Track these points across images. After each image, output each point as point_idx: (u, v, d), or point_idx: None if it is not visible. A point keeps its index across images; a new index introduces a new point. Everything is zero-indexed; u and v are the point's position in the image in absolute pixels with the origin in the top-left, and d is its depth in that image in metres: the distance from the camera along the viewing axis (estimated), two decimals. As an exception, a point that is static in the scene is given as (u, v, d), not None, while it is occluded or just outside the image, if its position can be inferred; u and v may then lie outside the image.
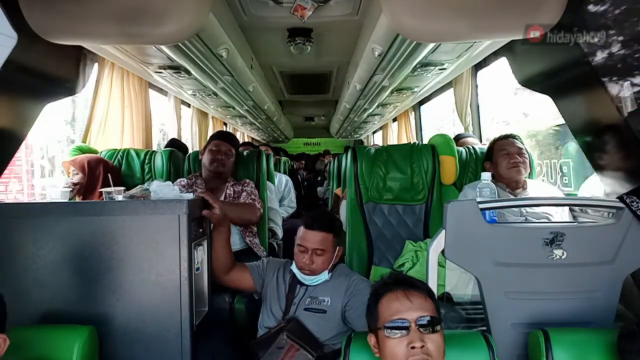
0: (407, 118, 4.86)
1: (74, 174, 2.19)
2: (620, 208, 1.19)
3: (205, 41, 2.16)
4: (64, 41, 1.44)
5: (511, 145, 1.84)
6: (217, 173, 2.04)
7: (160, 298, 1.28)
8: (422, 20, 1.35)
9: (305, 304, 1.46)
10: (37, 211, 1.30)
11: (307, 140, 9.73)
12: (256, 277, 1.57)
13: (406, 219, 2.03)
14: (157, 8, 1.34)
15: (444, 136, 2.12)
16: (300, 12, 2.25)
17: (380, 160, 2.05)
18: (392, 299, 0.96)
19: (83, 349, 1.11)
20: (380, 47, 2.32)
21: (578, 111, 1.44)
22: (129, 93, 2.76)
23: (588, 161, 1.47)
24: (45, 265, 1.27)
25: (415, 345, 0.90)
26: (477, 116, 3.04)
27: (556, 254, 1.17)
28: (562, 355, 1.04)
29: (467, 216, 1.19)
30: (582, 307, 1.19)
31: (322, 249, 1.45)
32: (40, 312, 1.27)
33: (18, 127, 1.47)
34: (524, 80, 1.69)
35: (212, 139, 2.12)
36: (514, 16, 1.29)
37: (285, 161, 4.74)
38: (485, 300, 1.20)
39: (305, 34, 2.77)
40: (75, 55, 1.75)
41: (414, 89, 3.46)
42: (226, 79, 2.92)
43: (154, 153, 2.47)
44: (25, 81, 1.44)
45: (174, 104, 3.70)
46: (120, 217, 1.28)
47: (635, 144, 1.19)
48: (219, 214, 1.50)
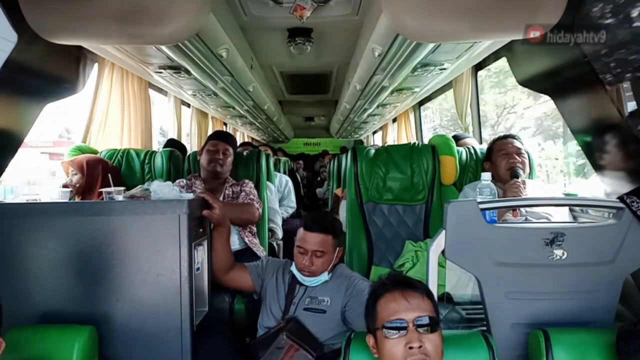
0: (407, 118, 4.86)
1: (73, 174, 2.18)
2: (620, 208, 1.19)
3: (205, 41, 2.16)
4: (64, 41, 1.44)
5: (510, 145, 1.85)
6: (215, 173, 2.04)
7: (160, 298, 1.28)
8: (422, 20, 1.35)
9: (304, 304, 1.46)
10: (37, 211, 1.30)
11: (307, 140, 9.73)
12: (255, 277, 1.57)
13: (406, 219, 2.03)
14: (157, 8, 1.34)
15: (444, 136, 2.12)
16: (300, 12, 2.25)
17: (380, 161, 2.05)
18: (390, 299, 0.96)
19: (83, 349, 1.11)
20: (380, 47, 2.32)
21: (578, 111, 1.44)
22: (128, 93, 2.76)
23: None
24: (45, 265, 1.27)
25: (413, 345, 0.90)
26: (477, 116, 3.04)
27: (556, 254, 1.17)
28: (562, 355, 1.04)
29: (467, 216, 1.19)
30: (582, 307, 1.18)
31: (322, 250, 1.45)
32: (40, 312, 1.26)
33: (18, 127, 1.47)
34: (524, 80, 1.69)
35: (209, 139, 2.12)
36: (514, 16, 1.29)
37: (285, 161, 4.74)
38: (485, 300, 1.20)
39: (305, 34, 2.77)
40: (75, 55, 1.76)
41: (414, 89, 3.46)
42: (226, 79, 2.92)
43: (154, 153, 2.46)
44: (25, 81, 1.44)
45: (174, 104, 3.70)
46: (120, 217, 1.28)
47: (635, 144, 1.19)
48: (219, 214, 1.50)
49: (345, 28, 2.75)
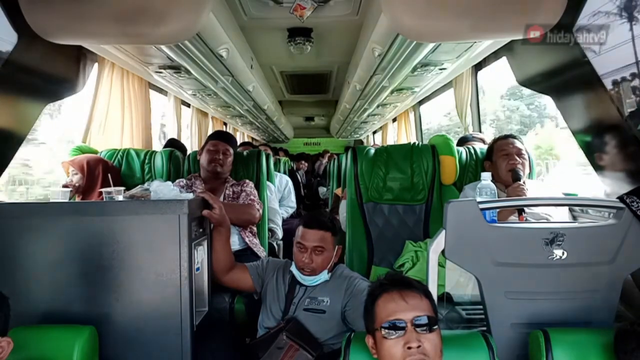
0: (407, 118, 4.86)
1: (73, 174, 2.18)
2: (620, 208, 1.18)
3: (205, 41, 2.16)
4: (64, 41, 1.44)
5: (511, 145, 1.84)
6: (215, 173, 2.04)
7: (160, 298, 1.28)
8: (422, 20, 1.35)
9: (304, 304, 1.46)
10: (37, 211, 1.30)
11: (307, 140, 9.73)
12: (255, 277, 1.57)
13: (406, 219, 2.03)
14: (157, 8, 1.34)
15: (444, 136, 2.12)
16: (300, 12, 2.25)
17: (380, 161, 2.05)
18: (388, 299, 0.96)
19: (83, 349, 1.11)
20: (380, 47, 2.32)
21: (578, 111, 1.44)
22: (129, 93, 2.76)
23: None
24: (45, 265, 1.27)
25: (412, 345, 0.90)
26: (477, 116, 3.04)
27: (556, 254, 1.17)
28: (562, 355, 1.04)
29: (467, 216, 1.19)
30: (582, 307, 1.18)
31: (322, 246, 1.45)
32: (41, 312, 1.27)
33: (18, 127, 1.47)
34: (524, 80, 1.69)
35: (209, 139, 2.12)
36: (514, 16, 1.29)
37: (285, 161, 4.74)
38: (485, 300, 1.20)
39: (305, 34, 2.77)
40: (75, 55, 1.76)
41: (414, 89, 3.46)
42: (226, 78, 2.92)
43: (153, 153, 2.46)
44: (25, 81, 1.44)
45: (174, 104, 3.70)
46: (120, 217, 1.28)
47: (635, 144, 1.19)
48: (218, 214, 1.50)
49: (345, 28, 2.75)
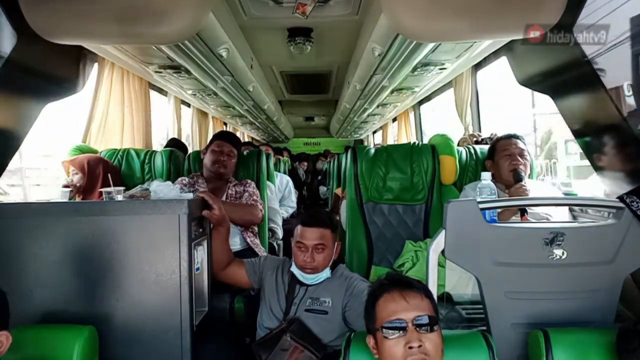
0: (407, 118, 4.86)
1: (74, 173, 2.18)
2: (620, 208, 1.19)
3: (205, 41, 2.16)
4: (64, 41, 1.44)
5: (514, 146, 1.83)
6: (218, 174, 2.04)
7: (160, 298, 1.27)
8: (422, 20, 1.35)
9: (306, 304, 1.46)
10: (37, 211, 1.30)
11: (307, 140, 9.73)
12: (251, 273, 1.57)
13: (406, 219, 2.03)
14: (157, 8, 1.33)
15: (444, 136, 2.12)
16: (302, 9, 2.24)
17: (380, 160, 2.05)
18: (389, 299, 0.96)
19: (83, 349, 1.11)
20: (380, 47, 2.32)
21: (578, 111, 1.44)
22: (129, 93, 2.76)
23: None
24: (45, 265, 1.27)
25: (413, 345, 0.90)
26: (477, 116, 3.04)
27: (556, 254, 1.17)
28: (562, 355, 1.04)
29: (467, 216, 1.19)
30: (582, 307, 1.18)
31: (322, 244, 1.45)
32: (41, 312, 1.26)
33: (18, 127, 1.47)
34: (524, 80, 1.69)
35: (214, 139, 2.12)
36: (514, 16, 1.29)
37: (285, 161, 4.74)
38: (485, 300, 1.20)
39: (305, 33, 2.77)
40: (75, 55, 1.75)
41: (414, 88, 3.46)
42: (226, 79, 2.92)
43: (154, 153, 2.46)
44: (25, 81, 1.43)
45: (174, 104, 3.70)
46: (120, 217, 1.28)
47: (635, 144, 1.19)
48: (218, 214, 1.50)
49: (345, 28, 2.75)
